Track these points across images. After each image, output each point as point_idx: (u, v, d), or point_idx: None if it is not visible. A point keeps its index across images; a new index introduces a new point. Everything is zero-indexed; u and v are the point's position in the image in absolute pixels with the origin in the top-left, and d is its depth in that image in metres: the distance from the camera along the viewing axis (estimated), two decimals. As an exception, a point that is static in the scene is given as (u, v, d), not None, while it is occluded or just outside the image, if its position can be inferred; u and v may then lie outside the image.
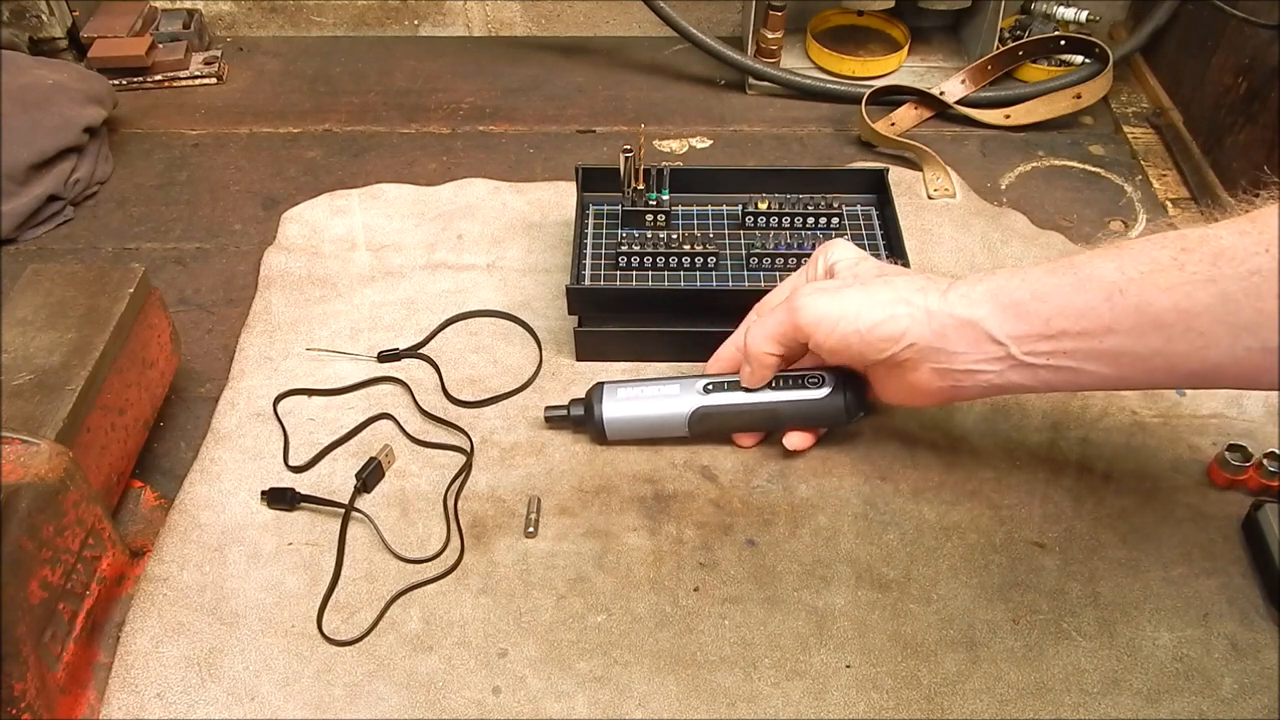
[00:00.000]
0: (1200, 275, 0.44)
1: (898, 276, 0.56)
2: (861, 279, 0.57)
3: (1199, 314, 0.45)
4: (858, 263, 0.60)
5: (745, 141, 0.95)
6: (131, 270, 0.63)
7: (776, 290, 0.64)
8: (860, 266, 0.59)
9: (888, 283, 0.55)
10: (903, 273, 0.57)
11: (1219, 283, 0.44)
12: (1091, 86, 0.94)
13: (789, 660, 0.56)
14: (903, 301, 0.53)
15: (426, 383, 0.70)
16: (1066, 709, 0.54)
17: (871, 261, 0.60)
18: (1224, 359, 0.45)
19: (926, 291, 0.54)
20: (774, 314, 0.58)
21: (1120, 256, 0.48)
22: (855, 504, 0.63)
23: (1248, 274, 0.43)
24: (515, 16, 1.10)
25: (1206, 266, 0.44)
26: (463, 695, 0.54)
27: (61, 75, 0.87)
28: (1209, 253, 0.44)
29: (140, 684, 0.54)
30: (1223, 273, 0.44)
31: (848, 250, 0.61)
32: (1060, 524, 0.62)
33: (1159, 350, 0.47)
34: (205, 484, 0.64)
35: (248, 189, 0.89)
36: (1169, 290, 0.45)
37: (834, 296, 0.56)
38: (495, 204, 0.85)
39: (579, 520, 0.62)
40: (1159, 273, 0.46)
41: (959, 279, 0.54)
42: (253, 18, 1.09)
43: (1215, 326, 0.45)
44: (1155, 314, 0.46)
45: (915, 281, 0.55)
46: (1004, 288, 0.51)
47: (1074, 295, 0.49)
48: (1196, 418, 0.68)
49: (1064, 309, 0.49)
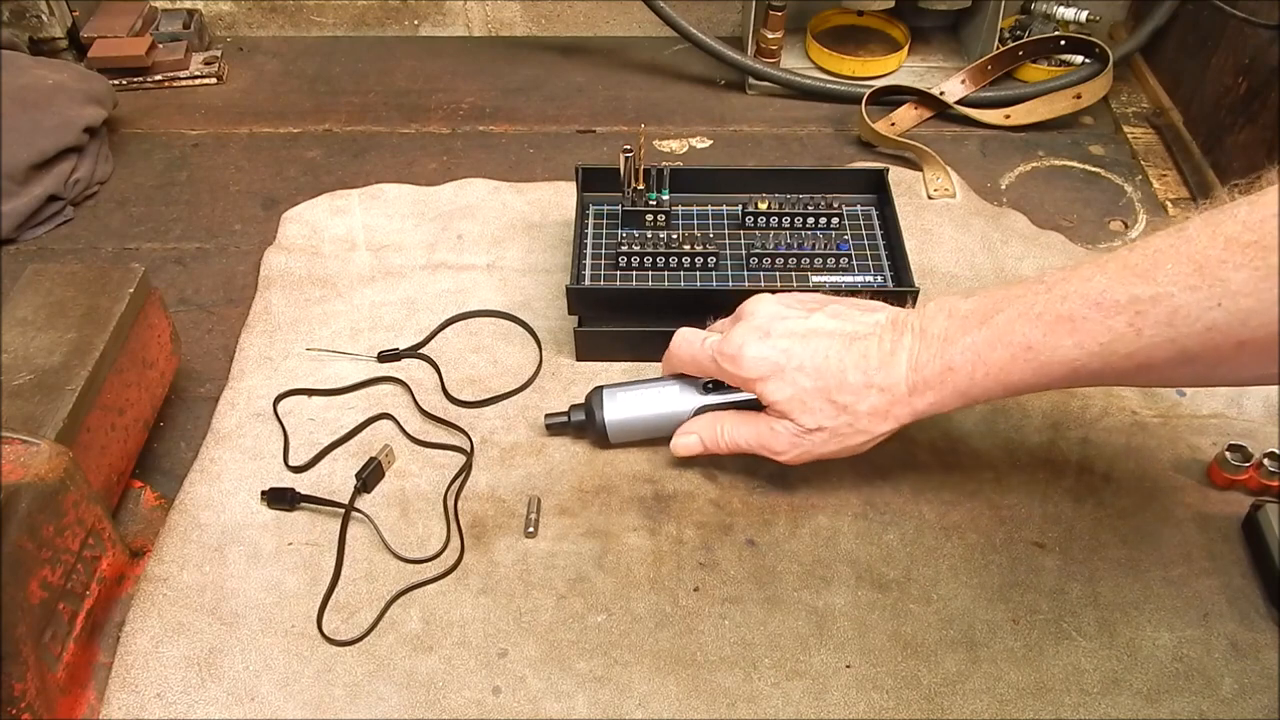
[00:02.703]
0: (1158, 337, 0.46)
1: (858, 413, 0.55)
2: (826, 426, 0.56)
3: (1159, 367, 0.47)
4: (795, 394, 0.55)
5: (745, 141, 0.95)
6: (131, 270, 0.63)
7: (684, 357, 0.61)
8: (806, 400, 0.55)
9: (854, 428, 0.55)
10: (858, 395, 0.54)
11: (1177, 342, 0.45)
12: (1091, 86, 0.94)
13: (789, 660, 0.56)
14: (878, 436, 0.56)
15: (426, 383, 0.70)
16: (1066, 709, 0.54)
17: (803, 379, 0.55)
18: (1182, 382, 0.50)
19: (897, 415, 0.55)
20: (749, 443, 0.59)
21: (1076, 332, 0.48)
22: (855, 504, 0.63)
23: (1203, 330, 0.44)
24: (515, 16, 1.10)
25: (1163, 328, 0.45)
26: (463, 695, 0.54)
27: (61, 75, 0.87)
28: (1163, 313, 0.45)
29: (140, 684, 0.54)
30: (1179, 332, 0.45)
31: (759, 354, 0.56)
32: (1060, 524, 0.62)
33: (1119, 384, 0.51)
34: (205, 484, 0.64)
35: (248, 189, 0.89)
36: (1129, 356, 0.47)
37: (814, 453, 0.57)
38: (495, 204, 0.85)
39: (579, 520, 0.62)
40: (1117, 341, 0.47)
41: (919, 377, 0.53)
42: (253, 18, 1.09)
43: (1175, 373, 0.47)
44: (1116, 373, 0.49)
45: (877, 410, 0.54)
46: (970, 386, 0.52)
47: (1039, 379, 0.50)
48: (1196, 418, 0.68)
49: (1030, 387, 0.51)
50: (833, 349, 0.55)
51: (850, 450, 0.57)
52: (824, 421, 0.56)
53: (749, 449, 0.60)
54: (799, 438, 0.57)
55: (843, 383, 0.54)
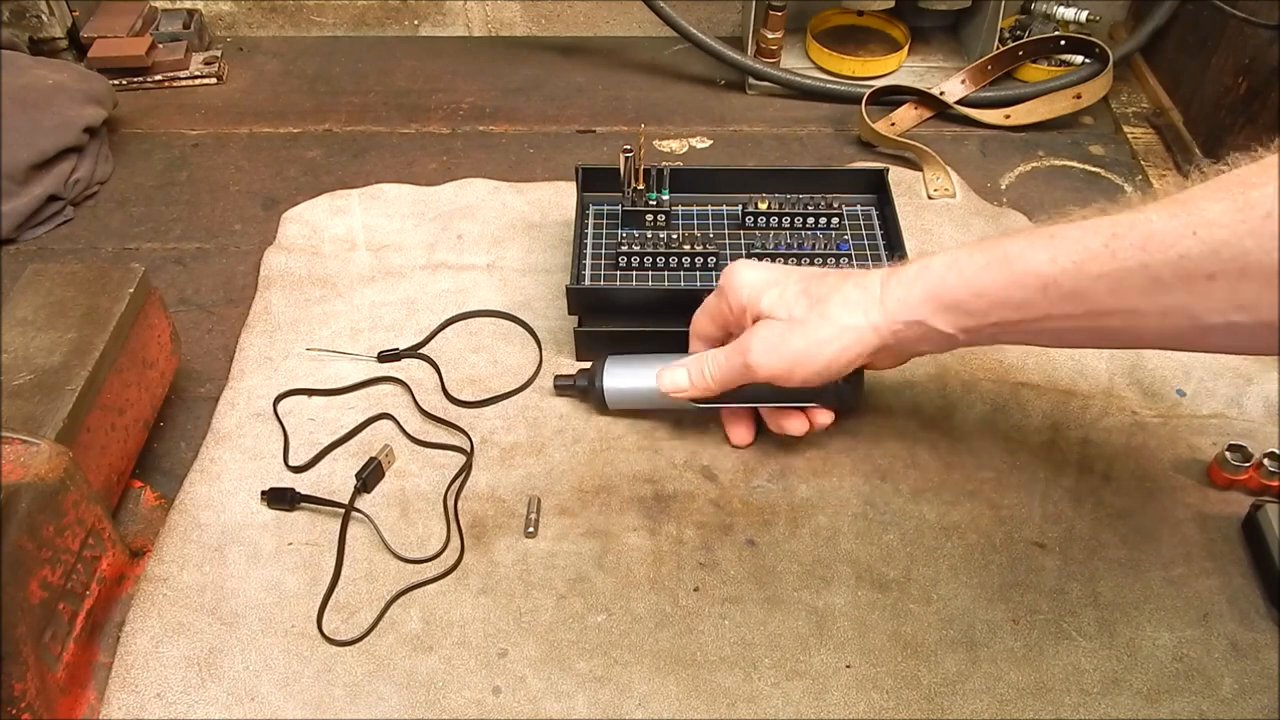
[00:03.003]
0: (1131, 261, 0.46)
1: (830, 299, 0.56)
2: (796, 314, 0.57)
3: (1130, 297, 0.47)
4: (782, 292, 0.57)
5: (745, 141, 0.95)
6: (131, 270, 0.63)
7: (701, 317, 0.63)
8: (787, 297, 0.57)
9: (824, 315, 0.56)
10: (832, 288, 0.56)
11: (1150, 267, 0.45)
12: (1091, 86, 0.94)
13: (789, 660, 0.56)
14: (846, 330, 0.55)
15: (426, 383, 0.70)
16: (1066, 709, 0.54)
17: (791, 283, 0.58)
18: (1152, 330, 0.48)
19: (864, 307, 0.55)
20: (728, 365, 0.59)
21: (1053, 246, 0.49)
22: (855, 504, 0.63)
23: (1177, 258, 0.44)
24: (515, 16, 1.10)
25: (1136, 251, 0.46)
26: (463, 695, 0.54)
27: (61, 75, 0.87)
28: (1139, 237, 0.46)
29: (140, 684, 0.54)
30: (1153, 258, 0.45)
31: (754, 275, 0.59)
32: (1060, 524, 0.62)
33: (1093, 325, 0.50)
34: (205, 484, 0.64)
35: (248, 189, 0.89)
36: (1101, 277, 0.47)
37: (780, 348, 0.57)
38: (495, 204, 0.85)
39: (579, 520, 0.62)
40: (1091, 260, 0.47)
41: (891, 277, 0.55)
42: (253, 18, 1.09)
43: (1145, 305, 0.47)
44: (1089, 299, 0.49)
45: (849, 300, 0.55)
46: (940, 287, 0.53)
47: (1010, 290, 0.51)
48: (1196, 418, 0.68)
49: (1002, 302, 0.51)
50: (825, 270, 0.59)
51: (820, 349, 0.55)
52: (797, 312, 0.56)
53: (730, 373, 0.59)
54: (774, 337, 0.57)
55: (824, 279, 0.57)
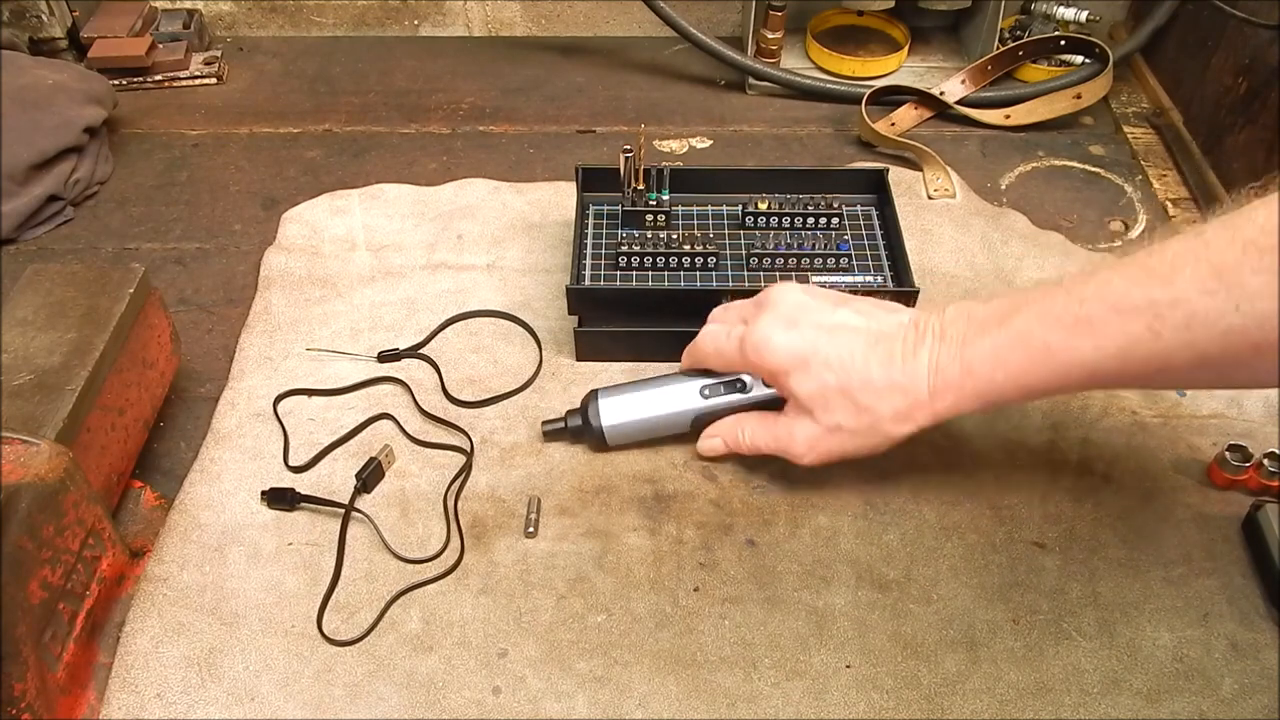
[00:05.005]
0: (1176, 342, 0.46)
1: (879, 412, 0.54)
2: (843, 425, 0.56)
3: (1176, 371, 0.47)
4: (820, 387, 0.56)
5: (745, 141, 0.95)
6: (131, 270, 0.63)
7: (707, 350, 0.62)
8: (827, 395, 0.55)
9: (874, 430, 0.55)
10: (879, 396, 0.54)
11: (1195, 346, 0.45)
12: (1091, 86, 0.94)
13: (789, 660, 0.56)
14: (895, 439, 0.56)
15: (426, 383, 0.70)
16: (1066, 709, 0.54)
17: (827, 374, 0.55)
18: (1200, 385, 0.50)
19: (917, 418, 0.54)
20: (767, 444, 0.60)
21: (1095, 333, 0.48)
22: (855, 504, 0.63)
23: (1222, 335, 0.44)
24: (515, 16, 1.10)
25: (1181, 333, 0.45)
26: (463, 695, 0.54)
27: (61, 75, 0.87)
28: (1181, 318, 0.45)
29: (140, 684, 0.54)
30: (1197, 336, 0.45)
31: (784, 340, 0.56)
32: (1060, 524, 0.62)
33: (1136, 386, 0.51)
34: (205, 484, 0.64)
35: (248, 189, 0.89)
36: (1148, 360, 0.47)
37: (830, 453, 0.58)
38: (495, 204, 0.85)
39: (579, 520, 0.62)
40: (1135, 345, 0.47)
41: (939, 378, 0.53)
42: (253, 18, 1.09)
43: (1191, 376, 0.48)
44: (1133, 377, 0.49)
45: (898, 411, 0.54)
46: (989, 388, 0.52)
47: (1057, 382, 0.50)
48: (1196, 418, 0.68)
49: (1047, 391, 0.51)
50: (858, 347, 0.55)
51: (868, 451, 0.57)
52: (844, 421, 0.56)
53: (769, 450, 0.61)
54: (818, 438, 0.57)
55: (867, 381, 0.54)
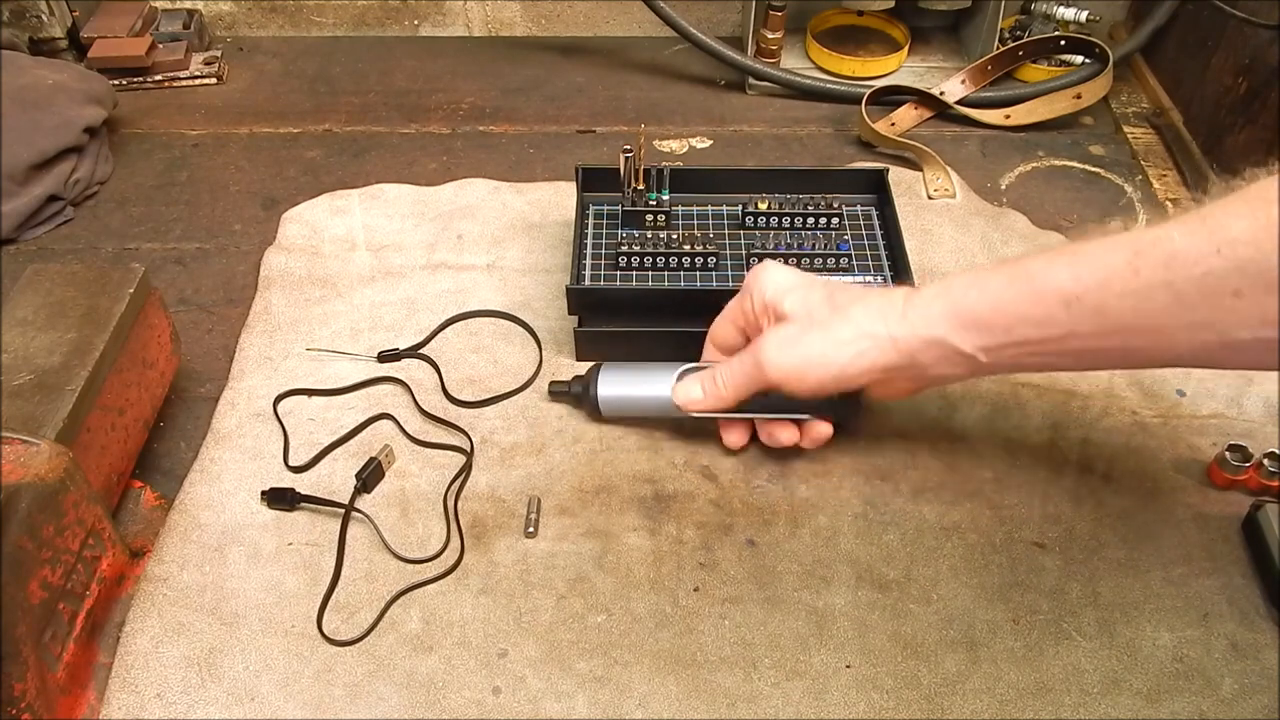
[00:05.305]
0: (1155, 280, 0.45)
1: (852, 305, 0.56)
2: (816, 317, 0.56)
3: (1155, 315, 0.46)
4: (805, 295, 0.58)
5: (745, 141, 0.95)
6: (131, 270, 0.63)
7: (722, 320, 0.63)
8: (809, 300, 0.57)
9: (845, 318, 0.55)
10: (855, 298, 0.56)
11: (1174, 286, 0.45)
12: (1091, 86, 0.94)
13: (789, 660, 0.56)
14: (865, 336, 0.54)
15: (426, 383, 0.70)
16: (1066, 709, 0.54)
17: (816, 288, 0.58)
18: (1181, 350, 0.47)
19: (885, 317, 0.54)
20: (740, 370, 0.59)
21: (1075, 263, 0.48)
22: (855, 504, 0.63)
23: (1201, 275, 0.44)
24: (515, 16, 1.10)
25: (1160, 271, 0.45)
26: (463, 695, 0.54)
27: (61, 75, 0.87)
28: (1161, 256, 0.45)
29: (140, 684, 0.54)
30: (1176, 275, 0.45)
31: (781, 276, 0.59)
32: (1060, 524, 0.62)
33: (1118, 347, 0.49)
34: (205, 484, 0.64)
35: (248, 189, 0.89)
36: (1125, 296, 0.47)
37: (796, 347, 0.56)
38: (495, 204, 0.85)
39: (579, 520, 0.62)
40: (1114, 277, 0.47)
41: (914, 294, 0.54)
42: (253, 18, 1.09)
43: (1172, 324, 0.46)
44: (1113, 318, 0.48)
45: (870, 307, 0.55)
46: (962, 303, 0.52)
47: (1032, 306, 0.50)
48: (1196, 418, 0.68)
49: (1024, 318, 0.50)
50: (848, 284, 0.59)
51: (834, 361, 0.55)
52: (819, 316, 0.56)
53: (743, 380, 0.59)
54: (791, 338, 0.56)
55: (847, 288, 0.57)
